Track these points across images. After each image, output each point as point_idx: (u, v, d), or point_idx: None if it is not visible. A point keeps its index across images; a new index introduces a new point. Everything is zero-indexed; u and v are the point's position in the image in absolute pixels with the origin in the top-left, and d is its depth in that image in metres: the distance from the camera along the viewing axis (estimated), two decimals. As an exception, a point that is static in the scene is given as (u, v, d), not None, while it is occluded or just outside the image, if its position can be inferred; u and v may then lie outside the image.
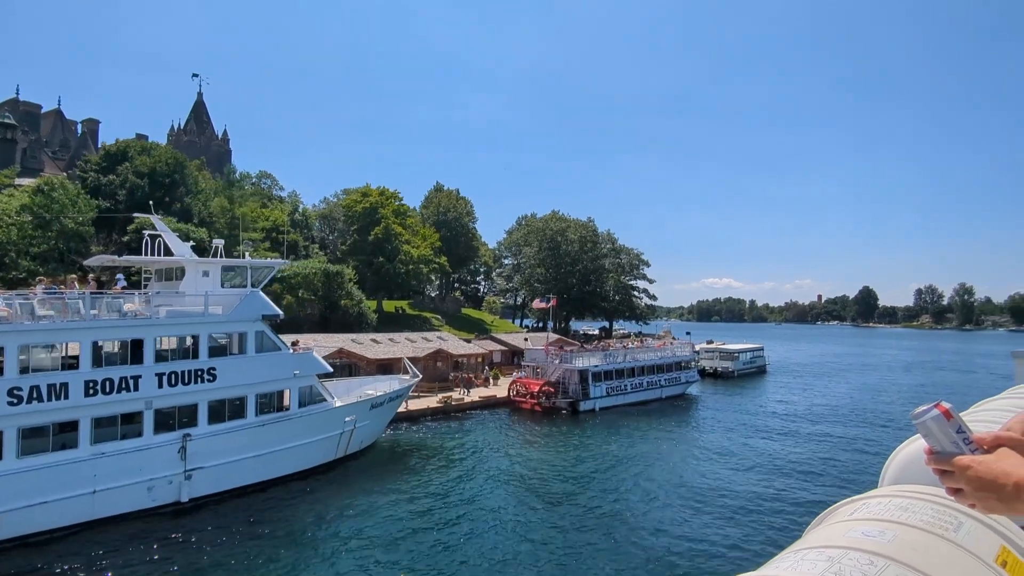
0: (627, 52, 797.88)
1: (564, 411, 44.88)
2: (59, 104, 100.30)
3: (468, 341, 60.95)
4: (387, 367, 49.30)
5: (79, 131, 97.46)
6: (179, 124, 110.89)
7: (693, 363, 56.83)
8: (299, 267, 57.90)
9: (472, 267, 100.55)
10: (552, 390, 45.33)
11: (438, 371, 52.96)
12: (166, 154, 56.01)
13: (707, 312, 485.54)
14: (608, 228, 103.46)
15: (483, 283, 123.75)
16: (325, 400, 27.71)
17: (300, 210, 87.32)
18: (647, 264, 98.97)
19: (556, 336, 67.47)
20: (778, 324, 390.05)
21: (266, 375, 25.23)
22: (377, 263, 70.01)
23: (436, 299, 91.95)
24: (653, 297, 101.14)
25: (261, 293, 26.04)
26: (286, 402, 26.25)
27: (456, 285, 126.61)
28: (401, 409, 40.74)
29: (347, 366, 45.69)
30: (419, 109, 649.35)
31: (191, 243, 52.32)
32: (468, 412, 44.30)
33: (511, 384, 47.26)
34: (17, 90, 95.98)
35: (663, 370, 52.29)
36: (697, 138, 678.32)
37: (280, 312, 26.51)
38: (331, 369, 29.79)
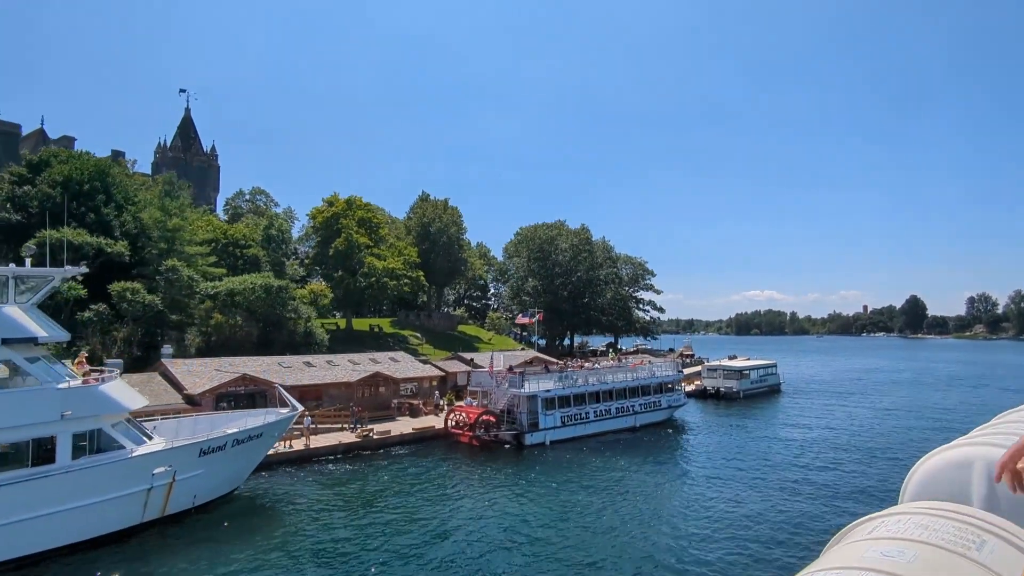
0: (656, 63, 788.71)
1: (508, 445, 37.61)
2: (42, 123, 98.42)
3: (425, 362, 54.19)
4: (314, 394, 43.14)
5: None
6: (166, 141, 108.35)
7: (678, 384, 48.71)
8: (235, 282, 52.20)
9: (464, 281, 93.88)
10: (493, 419, 38.12)
11: (379, 397, 46.34)
12: (87, 163, 51.27)
13: (746, 325, 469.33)
14: (604, 236, 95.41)
15: (493, 298, 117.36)
16: (122, 447, 21.22)
17: (276, 225, 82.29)
18: (652, 274, 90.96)
19: (533, 354, 60.13)
20: (820, 336, 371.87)
21: (13, 419, 18.91)
22: (336, 277, 64.13)
23: (423, 316, 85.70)
24: (660, 309, 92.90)
25: (10, 310, 19.81)
26: (57, 453, 19.85)
27: (465, 301, 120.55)
28: (297, 447, 34.35)
29: (252, 395, 39.36)
30: (441, 125, 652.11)
31: (103, 257, 47.88)
32: (392, 449, 37.37)
33: (448, 414, 40.18)
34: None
35: (637, 393, 44.47)
36: (735, 149, 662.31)
37: (42, 333, 20.18)
38: (138, 405, 23.31)
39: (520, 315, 66.61)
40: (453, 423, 39.24)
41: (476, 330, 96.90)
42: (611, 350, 63.01)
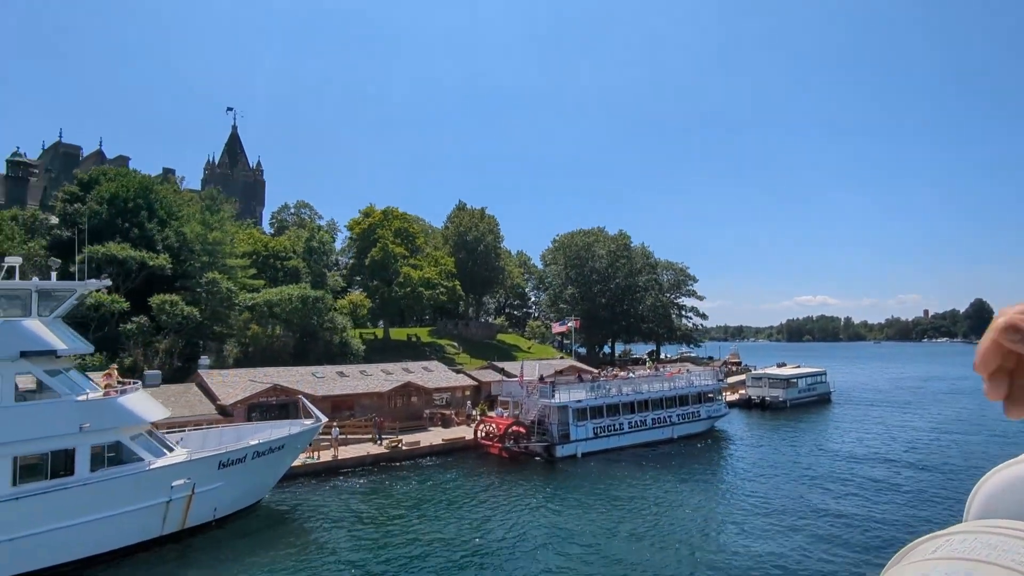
0: (702, 68, 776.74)
1: (539, 457, 36.64)
2: (100, 145, 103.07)
3: (458, 372, 53.77)
4: (346, 405, 43.17)
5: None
6: (214, 158, 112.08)
7: (718, 394, 46.79)
8: (272, 294, 52.97)
9: (503, 290, 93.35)
10: (523, 431, 37.23)
11: (412, 407, 46.06)
12: (132, 180, 53.05)
13: (798, 331, 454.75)
14: (643, 241, 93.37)
15: (533, 307, 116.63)
16: (141, 460, 21.30)
17: (317, 237, 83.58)
18: (693, 280, 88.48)
19: (568, 363, 58.98)
20: (877, 343, 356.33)
21: (32, 431, 19.16)
22: (372, 287, 64.51)
23: (460, 325, 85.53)
24: (703, 316, 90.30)
25: (30, 323, 20.13)
26: (76, 465, 20.03)
27: (505, 310, 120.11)
28: (325, 458, 34.21)
29: (284, 406, 39.55)
30: (484, 134, 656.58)
31: (146, 271, 49.22)
32: (421, 460, 36.89)
33: (477, 424, 39.48)
34: (60, 134, 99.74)
35: (675, 403, 42.86)
36: (784, 150, 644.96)
37: (61, 346, 20.42)
38: (158, 417, 23.42)
39: (556, 323, 65.61)
40: (482, 434, 38.50)
41: (516, 339, 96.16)
42: (649, 358, 61.13)
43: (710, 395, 45.51)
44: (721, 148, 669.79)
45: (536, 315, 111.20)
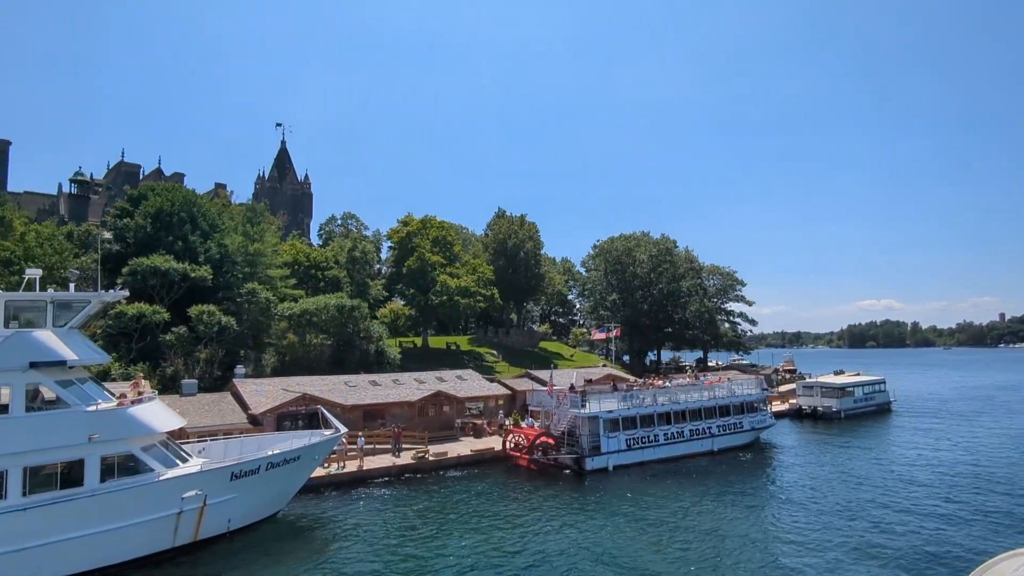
0: (754, 64, 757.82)
1: (568, 470, 35.35)
2: (159, 163, 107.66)
3: (492, 380, 52.93)
4: (377, 414, 42.93)
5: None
6: (264, 172, 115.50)
7: (763, 404, 44.35)
8: (309, 303, 53.50)
9: (545, 297, 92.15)
10: (551, 442, 36.03)
11: (443, 417, 45.47)
12: (176, 195, 54.64)
13: (860, 337, 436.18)
14: (687, 246, 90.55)
15: (577, 314, 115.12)
16: (151, 470, 21.27)
17: (359, 247, 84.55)
18: (742, 284, 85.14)
19: (606, 371, 57.31)
20: (947, 348, 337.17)
21: (42, 441, 19.31)
22: (408, 295, 64.54)
23: (500, 333, 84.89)
24: (752, 322, 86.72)
25: (41, 334, 20.33)
26: (86, 475, 20.11)
27: (551, 317, 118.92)
28: (350, 468, 33.87)
29: (314, 415, 39.48)
30: (529, 141, 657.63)
31: (189, 282, 50.42)
32: (448, 471, 36.14)
33: (506, 435, 38.46)
34: (123, 153, 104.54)
35: (715, 414, 40.78)
36: (843, 148, 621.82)
37: (72, 356, 20.56)
38: (172, 427, 23.37)
39: (595, 331, 64.06)
40: (511, 445, 37.48)
41: (558, 346, 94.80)
42: (690, 368, 58.53)
43: (754, 405, 43.15)
44: (780, 145, 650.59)
45: (581, 323, 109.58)
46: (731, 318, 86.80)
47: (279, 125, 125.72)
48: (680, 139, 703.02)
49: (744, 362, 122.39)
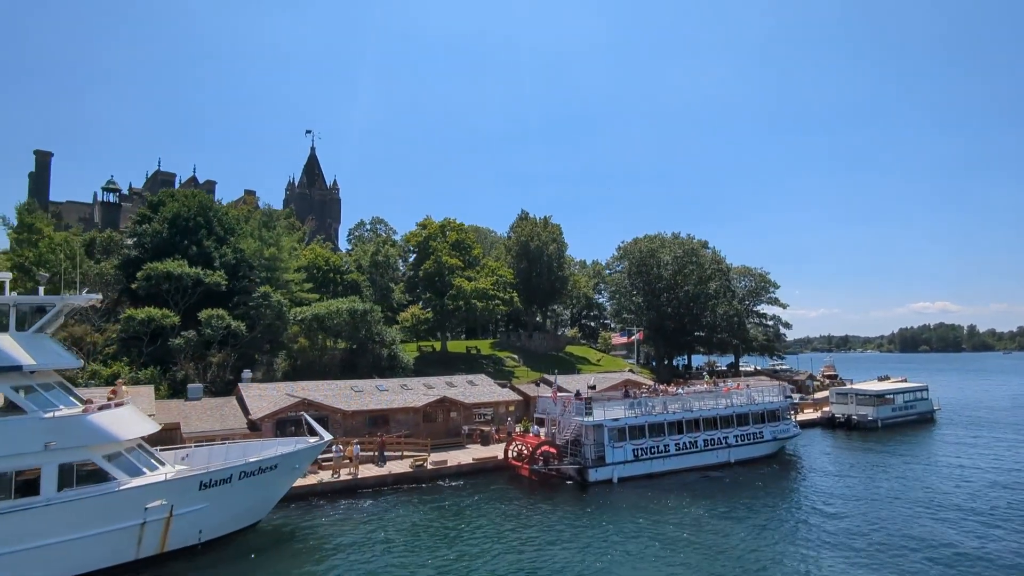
0: (801, 64, 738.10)
1: (571, 481, 33.68)
2: (194, 171, 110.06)
3: (504, 386, 51.54)
4: (381, 420, 42.05)
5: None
6: (295, 179, 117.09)
7: (787, 412, 41.70)
8: (321, 307, 53.12)
9: (570, 300, 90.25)
10: (554, 451, 34.40)
11: (450, 423, 44.30)
12: (192, 200, 55.08)
13: (912, 341, 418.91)
14: (715, 246, 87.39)
15: (607, 318, 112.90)
16: (114, 479, 20.63)
17: (382, 251, 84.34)
18: (775, 286, 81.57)
19: (624, 376, 55.23)
20: (1006, 353, 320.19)
21: (-10, 449, 18.79)
22: (425, 298, 63.72)
23: (523, 336, 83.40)
24: (787, 325, 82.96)
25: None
26: (42, 484, 19.55)
27: (581, 320, 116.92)
28: (344, 477, 32.94)
29: (317, 421, 38.76)
30: (560, 145, 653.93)
31: (203, 287, 50.60)
32: (446, 480, 34.88)
33: (508, 443, 36.96)
34: (159, 163, 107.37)
35: (731, 423, 38.44)
36: (892, 144, 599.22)
37: (28, 362, 20.02)
38: (140, 433, 22.70)
39: (617, 334, 62.00)
40: (513, 454, 35.98)
41: (585, 351, 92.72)
42: (706, 372, 55.66)
43: (776, 413, 40.59)
44: (823, 144, 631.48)
45: (612, 326, 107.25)
46: (764, 321, 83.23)
47: (309, 132, 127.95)
48: (725, 139, 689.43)
49: (783, 367, 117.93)
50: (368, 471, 34.49)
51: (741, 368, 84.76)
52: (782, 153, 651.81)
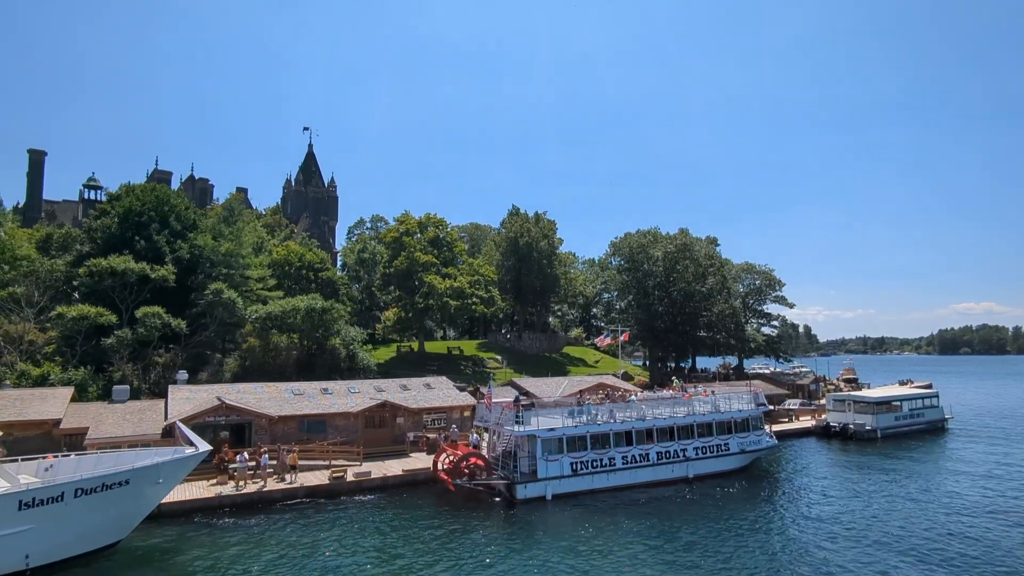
0: (845, 60, 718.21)
1: (501, 497, 30.21)
2: (192, 170, 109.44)
3: (463, 390, 48.20)
4: (318, 426, 39.15)
5: (198, 193, 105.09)
6: (292, 176, 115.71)
7: (759, 422, 37.44)
8: (276, 306, 50.55)
9: (560, 299, 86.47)
10: (481, 463, 30.96)
11: (397, 430, 41.17)
12: (148, 194, 53.02)
13: (952, 343, 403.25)
14: (717, 241, 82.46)
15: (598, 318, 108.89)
16: None
17: (369, 249, 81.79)
18: (780, 284, 76.54)
19: (600, 380, 51.33)
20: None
21: None
22: (394, 296, 60.81)
23: (512, 337, 79.96)
24: (793, 325, 77.80)
25: None
26: None
27: (590, 320, 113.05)
28: (250, 490, 30.02)
29: (239, 427, 36.09)
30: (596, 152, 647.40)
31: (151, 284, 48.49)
32: (366, 494, 31.67)
33: (438, 454, 33.60)
34: (156, 161, 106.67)
35: (690, 433, 34.42)
36: (927, 140, 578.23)
37: None
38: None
39: (601, 336, 58.17)
40: (443, 465, 32.59)
41: (583, 351, 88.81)
42: (675, 379, 50.61)
43: (746, 423, 36.41)
44: (853, 142, 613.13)
45: (605, 326, 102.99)
46: (769, 321, 78.19)
47: (306, 129, 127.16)
48: (755, 137, 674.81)
49: (801, 368, 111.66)
50: (284, 483, 31.56)
51: (746, 371, 79.94)
52: (817, 150, 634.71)
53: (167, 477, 23.92)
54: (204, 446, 25.16)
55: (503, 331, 79.68)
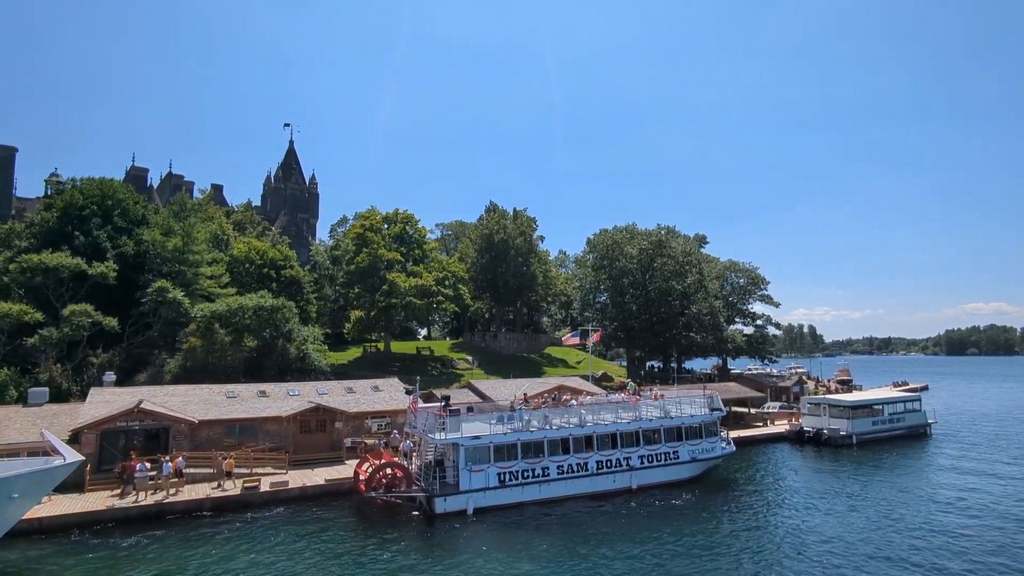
0: (833, 56, 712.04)
1: (420, 511, 27.80)
2: (170, 167, 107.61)
3: (409, 393, 45.70)
4: (249, 430, 36.85)
5: (173, 189, 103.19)
6: (272, 173, 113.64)
7: (714, 428, 34.82)
8: (222, 304, 48.28)
9: (538, 297, 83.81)
10: (400, 474, 28.56)
11: (335, 435, 38.79)
12: (90, 189, 50.85)
13: (959, 344, 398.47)
14: (700, 238, 79.72)
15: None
16: None
17: (342, 247, 79.36)
18: (765, 283, 73.72)
19: (559, 382, 48.72)
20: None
21: None
22: (354, 294, 58.46)
23: (487, 336, 77.51)
24: (776, 326, 75.03)
25: None
26: None
27: (574, 320, 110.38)
28: (148, 502, 27.69)
29: (155, 432, 33.77)
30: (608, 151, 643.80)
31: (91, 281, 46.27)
32: (279, 507, 29.30)
33: (360, 463, 31.17)
34: (133, 158, 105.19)
35: (636, 441, 31.86)
36: (935, 139, 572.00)
37: None
38: None
39: (569, 335, 55.48)
40: (365, 475, 30.14)
41: (566, 352, 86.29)
42: (628, 383, 47.87)
43: (699, 429, 33.80)
44: (858, 142, 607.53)
45: (583, 325, 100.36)
46: (754, 321, 75.33)
47: (287, 125, 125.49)
48: (759, 137, 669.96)
49: (800, 369, 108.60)
50: (193, 493, 29.27)
51: (731, 372, 77.19)
52: (822, 150, 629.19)
53: (25, 491, 21.58)
54: (73, 456, 22.87)
55: (479, 330, 77.18)
